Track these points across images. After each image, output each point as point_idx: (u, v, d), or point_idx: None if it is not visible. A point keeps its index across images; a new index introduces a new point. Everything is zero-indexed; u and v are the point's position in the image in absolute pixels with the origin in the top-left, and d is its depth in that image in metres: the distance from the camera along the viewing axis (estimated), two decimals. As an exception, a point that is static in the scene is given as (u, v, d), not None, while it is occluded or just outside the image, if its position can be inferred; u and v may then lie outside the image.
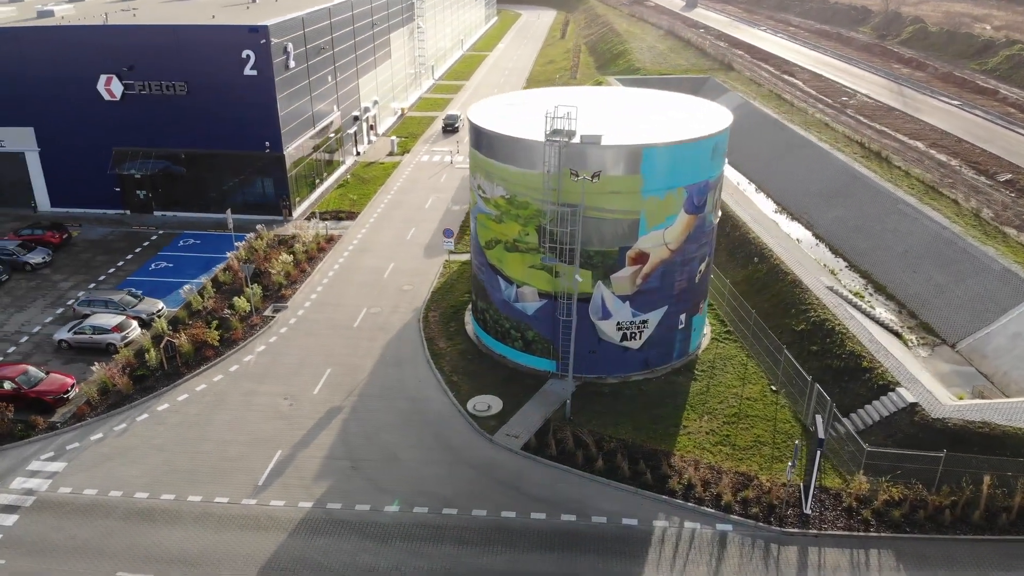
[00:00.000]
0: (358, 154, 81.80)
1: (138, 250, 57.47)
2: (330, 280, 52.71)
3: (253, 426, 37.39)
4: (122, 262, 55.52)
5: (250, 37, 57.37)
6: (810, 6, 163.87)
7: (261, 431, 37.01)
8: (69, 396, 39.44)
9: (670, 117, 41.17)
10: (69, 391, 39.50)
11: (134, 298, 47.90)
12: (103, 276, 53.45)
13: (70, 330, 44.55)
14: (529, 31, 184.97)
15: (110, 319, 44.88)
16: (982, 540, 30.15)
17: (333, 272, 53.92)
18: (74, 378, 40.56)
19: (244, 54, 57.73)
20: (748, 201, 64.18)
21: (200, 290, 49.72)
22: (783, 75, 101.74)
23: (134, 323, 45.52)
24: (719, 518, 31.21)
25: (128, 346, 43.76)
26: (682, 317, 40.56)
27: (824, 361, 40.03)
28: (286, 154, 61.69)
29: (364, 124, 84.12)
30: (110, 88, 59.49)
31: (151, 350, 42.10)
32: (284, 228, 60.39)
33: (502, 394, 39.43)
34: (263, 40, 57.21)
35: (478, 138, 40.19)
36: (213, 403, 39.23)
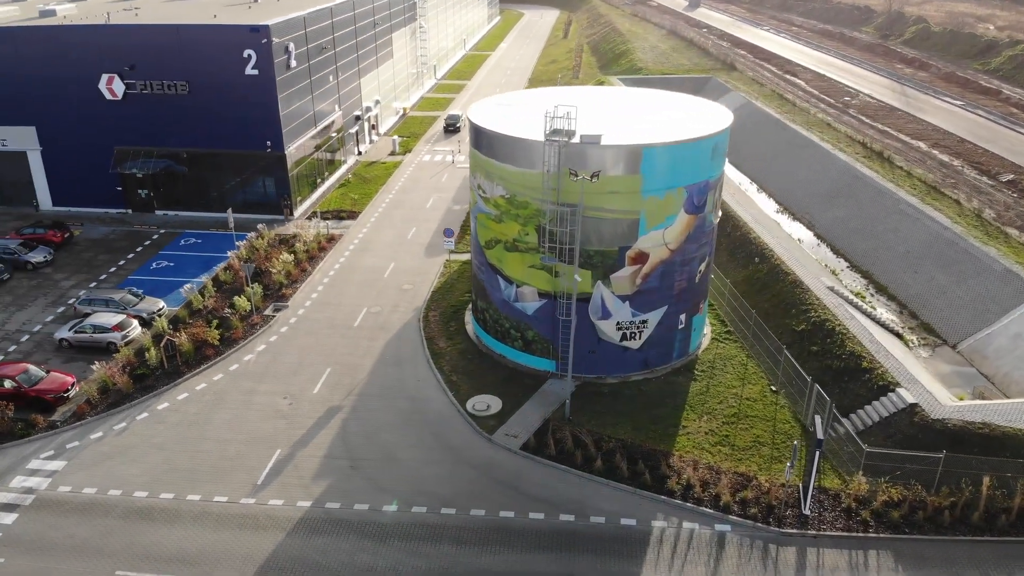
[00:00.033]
0: (360, 153, 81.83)
1: (139, 249, 57.57)
2: (331, 279, 52.74)
3: (253, 425, 37.43)
4: (123, 261, 55.62)
5: (251, 37, 57.45)
6: (813, 6, 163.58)
7: (260, 430, 37.06)
8: (69, 395, 39.51)
9: (670, 117, 41.12)
10: (69, 390, 39.58)
11: (135, 297, 48.00)
12: (104, 275, 53.54)
13: (71, 329, 44.63)
14: (532, 31, 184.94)
15: (111, 318, 44.97)
16: (981, 541, 30.07)
17: (334, 271, 53.94)
18: (74, 377, 40.64)
19: (245, 53, 57.80)
20: (750, 201, 64.08)
21: (201, 289, 49.77)
22: (785, 75, 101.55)
23: (135, 322, 45.61)
24: (718, 518, 31.18)
25: (128, 345, 43.80)
26: (682, 317, 40.51)
27: (824, 361, 39.96)
28: (287, 153, 61.75)
29: (366, 124, 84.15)
30: (112, 87, 59.60)
31: (151, 349, 42.16)
32: (285, 227, 60.44)
33: (501, 394, 39.42)
34: (264, 40, 57.27)
35: (478, 137, 40.19)
36: (213, 402, 39.28)
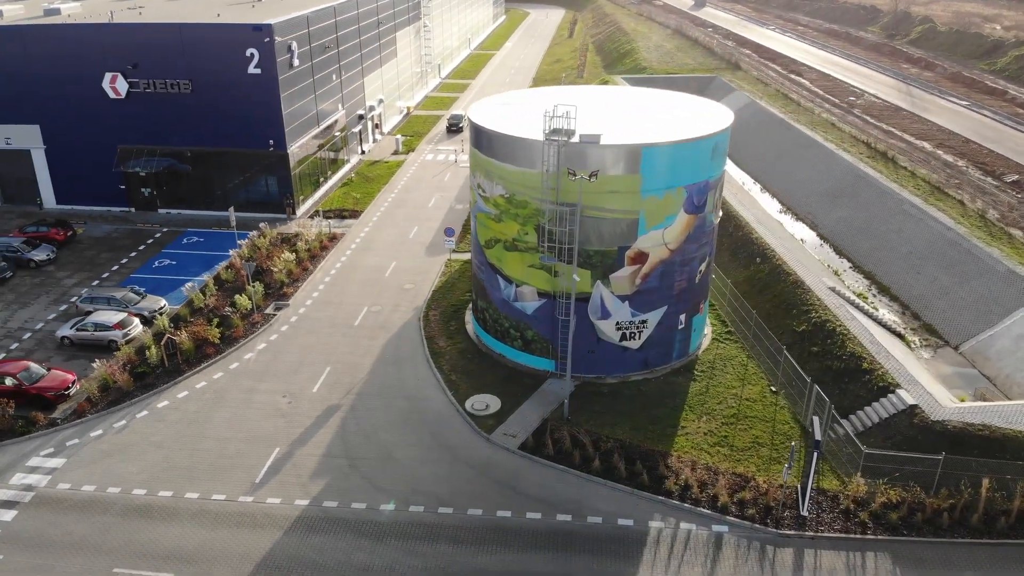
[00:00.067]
0: (363, 152, 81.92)
1: (142, 247, 57.72)
2: (332, 278, 52.79)
3: (252, 424, 37.49)
4: (126, 259, 55.78)
5: (254, 35, 57.53)
6: (819, 5, 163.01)
7: (260, 429, 37.12)
8: (70, 393, 39.64)
9: (671, 116, 41.01)
10: (70, 388, 39.70)
11: (137, 295, 48.13)
12: (107, 273, 53.70)
13: (72, 327, 44.78)
14: (537, 30, 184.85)
15: (112, 316, 45.09)
16: (980, 544, 29.92)
17: (335, 270, 54.00)
18: (75, 375, 40.77)
19: (248, 52, 57.90)
20: (752, 201, 63.92)
21: (202, 288, 49.89)
22: (790, 74, 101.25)
23: (136, 320, 45.73)
24: (715, 519, 31.10)
25: (130, 343, 43.95)
26: (682, 317, 40.42)
27: (824, 362, 39.82)
28: (290, 152, 61.84)
29: (369, 123, 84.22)
30: (115, 86, 59.78)
31: (152, 347, 42.28)
32: (287, 226, 60.54)
33: (501, 393, 39.40)
34: (267, 38, 57.35)
35: (478, 137, 40.16)
36: (213, 400, 39.36)
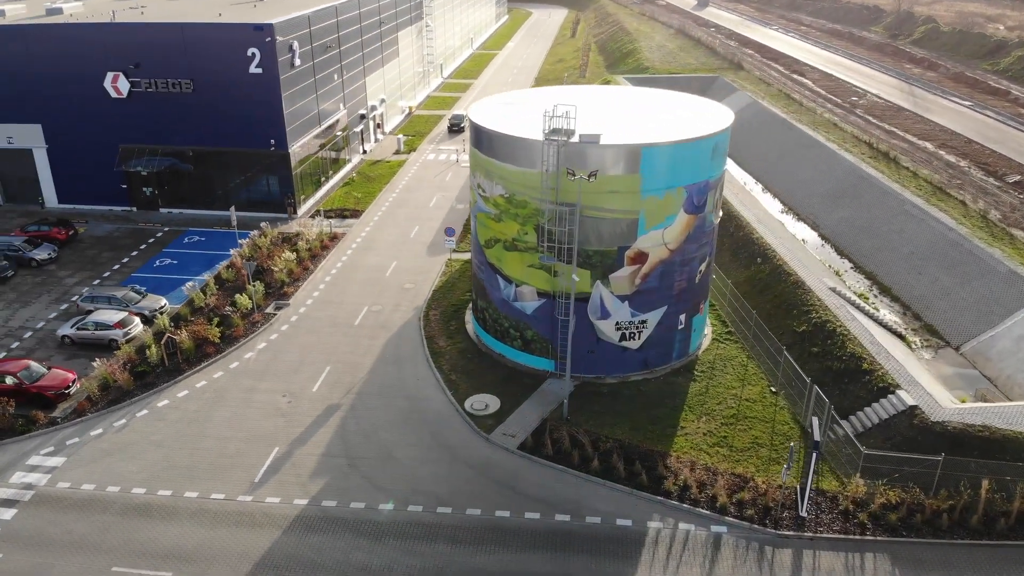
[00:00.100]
0: (364, 152, 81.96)
1: (143, 247, 57.81)
2: (332, 278, 52.82)
3: (252, 423, 37.53)
4: (127, 259, 55.86)
5: (255, 35, 57.58)
6: (822, 5, 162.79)
7: (260, 428, 37.15)
8: (70, 392, 39.71)
9: (671, 116, 40.97)
10: (70, 387, 39.77)
11: (137, 295, 48.19)
12: (108, 272, 53.78)
13: (73, 326, 44.85)
14: (539, 29, 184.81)
15: (113, 315, 45.16)
16: (979, 545, 29.85)
17: (336, 270, 54.03)
18: (75, 374, 40.84)
19: (249, 52, 57.95)
20: (754, 201, 63.82)
21: (203, 287, 49.95)
22: (793, 75, 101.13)
23: (136, 319, 45.79)
24: (714, 520, 31.07)
25: (130, 342, 44.01)
26: (682, 317, 40.38)
27: (824, 363, 39.76)
28: (291, 152, 61.88)
29: (371, 122, 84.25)
30: (117, 85, 59.88)
31: (152, 346, 42.33)
32: (288, 226, 60.59)
33: (500, 393, 39.40)
34: (268, 38, 57.40)
35: (478, 137, 40.15)
36: (213, 400, 39.41)
